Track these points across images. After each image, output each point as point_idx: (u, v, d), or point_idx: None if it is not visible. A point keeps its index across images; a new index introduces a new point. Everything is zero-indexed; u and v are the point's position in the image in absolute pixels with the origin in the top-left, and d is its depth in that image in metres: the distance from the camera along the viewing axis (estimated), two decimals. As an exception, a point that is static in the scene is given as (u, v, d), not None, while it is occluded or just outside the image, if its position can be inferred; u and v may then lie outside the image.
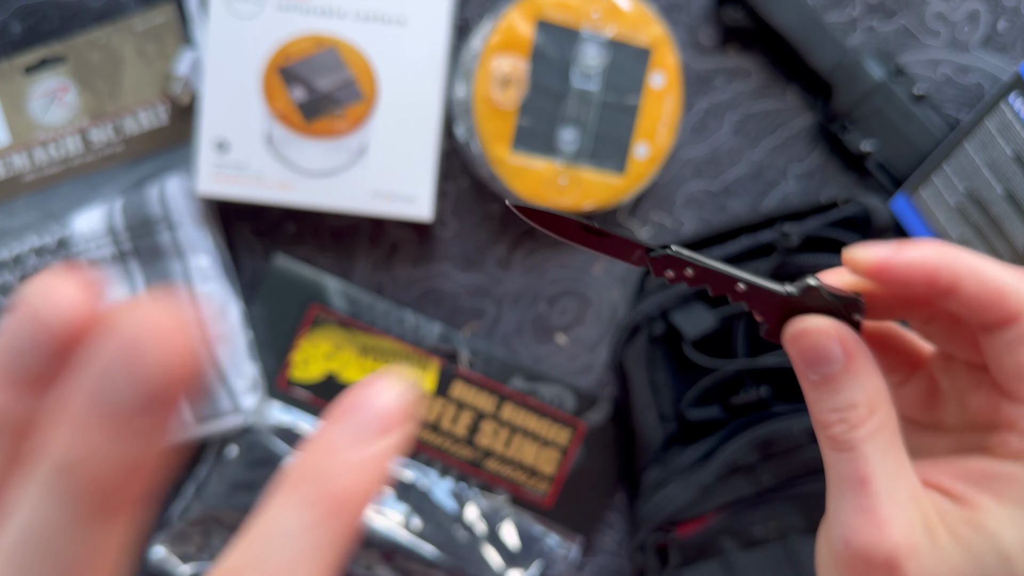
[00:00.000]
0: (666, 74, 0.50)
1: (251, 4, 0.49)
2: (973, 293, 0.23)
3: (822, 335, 0.24)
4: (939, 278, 0.23)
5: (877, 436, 0.24)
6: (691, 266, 0.24)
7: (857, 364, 0.24)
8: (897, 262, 0.24)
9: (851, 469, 0.23)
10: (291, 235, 0.55)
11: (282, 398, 0.54)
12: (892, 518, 0.23)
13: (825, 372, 0.24)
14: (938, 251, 0.23)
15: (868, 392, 0.24)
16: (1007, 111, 0.51)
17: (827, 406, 0.24)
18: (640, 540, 0.51)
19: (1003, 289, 0.23)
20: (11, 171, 0.53)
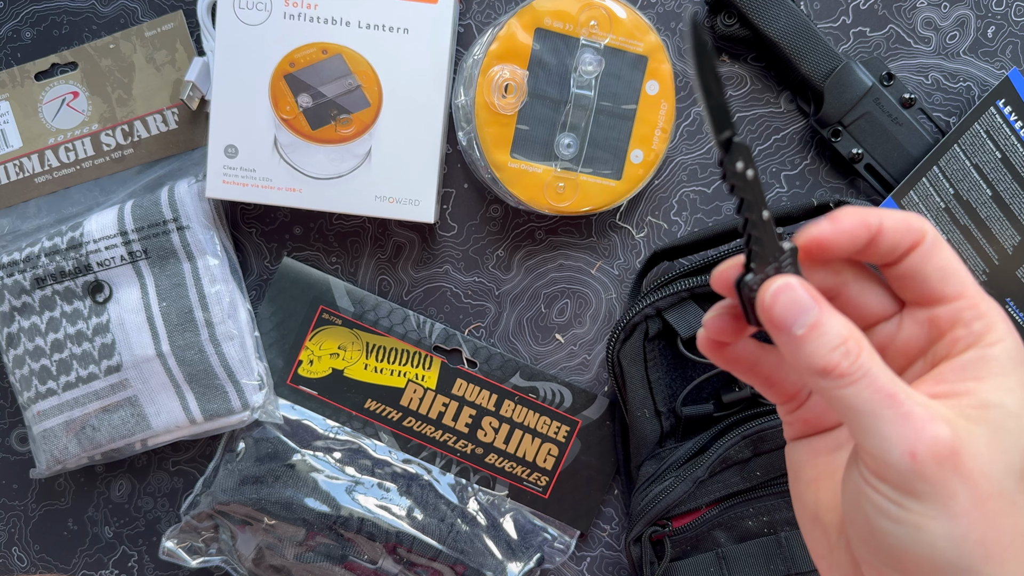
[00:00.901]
0: (661, 81, 0.50)
1: (258, 12, 0.50)
2: (892, 231, 0.27)
3: (799, 288, 0.26)
4: (870, 224, 0.27)
5: (876, 358, 0.25)
6: (753, 170, 0.26)
7: (828, 307, 0.26)
8: (843, 226, 0.27)
9: (874, 391, 0.25)
10: (298, 237, 0.55)
11: (289, 395, 0.55)
12: (933, 416, 0.25)
13: (808, 321, 0.26)
14: (857, 208, 0.28)
15: (849, 327, 0.26)
16: (996, 115, 0.51)
17: (823, 349, 0.25)
18: (636, 533, 0.51)
19: (907, 216, 0.28)
20: (23, 174, 0.54)
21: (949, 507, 0.24)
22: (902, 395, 0.25)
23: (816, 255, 0.28)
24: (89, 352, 0.52)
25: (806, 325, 0.26)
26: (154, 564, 0.56)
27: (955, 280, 0.27)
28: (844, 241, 0.27)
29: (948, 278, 0.27)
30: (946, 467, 0.24)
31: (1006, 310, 0.54)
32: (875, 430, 0.25)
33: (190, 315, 0.52)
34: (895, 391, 0.25)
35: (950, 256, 0.28)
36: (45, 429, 0.52)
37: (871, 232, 0.27)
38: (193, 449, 0.56)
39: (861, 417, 0.25)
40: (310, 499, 0.52)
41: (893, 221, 0.27)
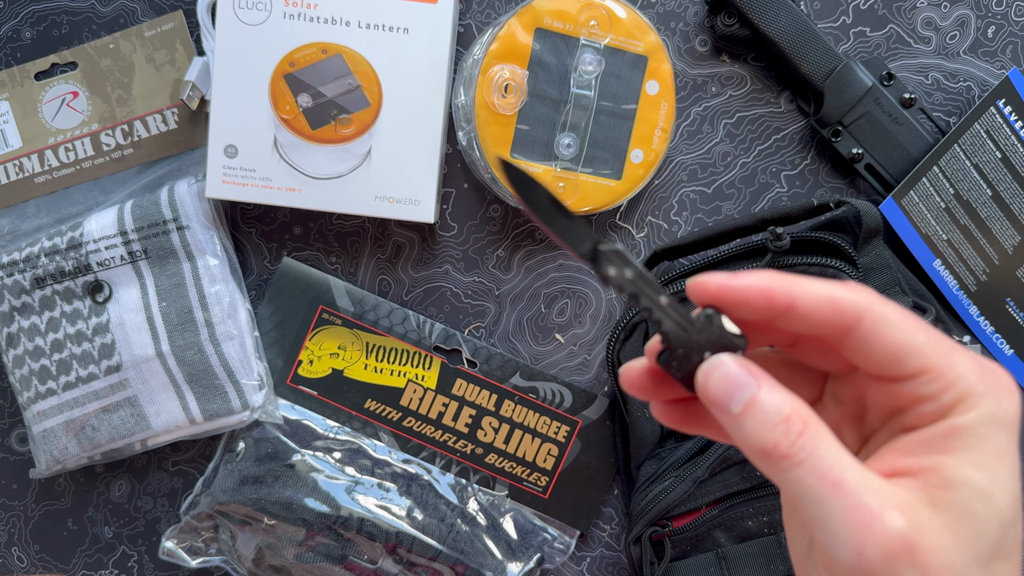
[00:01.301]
0: (661, 81, 0.50)
1: (258, 12, 0.50)
2: (809, 306, 0.24)
3: (732, 365, 0.24)
4: (775, 298, 0.24)
5: (822, 437, 0.23)
6: (630, 269, 0.25)
7: (768, 382, 0.24)
8: (735, 285, 0.25)
9: (818, 477, 0.23)
10: (297, 237, 0.55)
11: (289, 395, 0.55)
12: (885, 505, 0.22)
13: (745, 398, 0.24)
14: (770, 275, 0.25)
15: (790, 403, 0.24)
16: (996, 115, 0.51)
17: (762, 429, 0.23)
18: (636, 533, 0.51)
19: (835, 297, 0.24)
20: (23, 174, 0.54)
21: None
22: (851, 482, 0.22)
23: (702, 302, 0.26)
24: (89, 352, 0.52)
25: (743, 402, 0.24)
26: (154, 564, 0.56)
27: (912, 357, 0.24)
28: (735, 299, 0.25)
29: (903, 358, 0.24)
30: (898, 565, 0.22)
31: (1006, 309, 0.54)
32: (821, 521, 0.23)
33: (190, 315, 0.52)
34: (842, 477, 0.22)
35: (901, 334, 0.24)
36: (45, 429, 0.52)
37: (774, 306, 0.24)
38: (193, 449, 0.56)
39: (807, 506, 0.23)
40: (310, 499, 0.52)
41: (810, 301, 0.24)
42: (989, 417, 0.24)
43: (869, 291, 0.24)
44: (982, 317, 0.54)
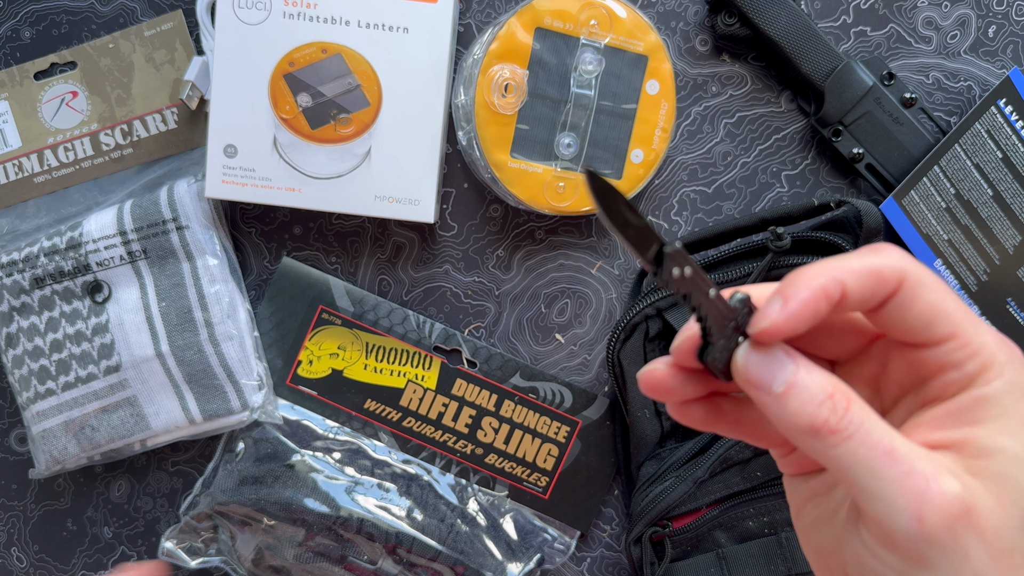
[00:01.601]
0: (661, 80, 0.50)
1: (258, 11, 0.50)
2: (860, 285, 0.24)
3: (770, 348, 0.24)
4: (831, 293, 0.24)
5: (868, 410, 0.23)
6: (689, 266, 0.25)
7: (805, 361, 0.24)
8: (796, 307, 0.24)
9: (870, 448, 0.23)
10: (297, 237, 0.55)
11: (288, 396, 0.55)
12: (938, 471, 0.22)
13: (787, 377, 0.24)
14: (812, 275, 0.24)
15: (832, 380, 0.24)
16: (996, 115, 0.51)
17: (809, 406, 0.23)
18: (636, 533, 0.51)
19: (877, 267, 0.24)
20: (22, 174, 0.54)
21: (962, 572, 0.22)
22: (902, 450, 0.23)
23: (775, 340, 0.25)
24: (88, 352, 0.52)
25: (785, 382, 0.24)
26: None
27: (942, 322, 0.24)
28: (802, 325, 0.24)
29: (934, 322, 0.24)
30: (958, 528, 0.22)
31: (1007, 309, 0.54)
32: (876, 492, 0.23)
33: (189, 315, 0.52)
34: (893, 446, 0.23)
35: (934, 297, 0.24)
36: (44, 429, 0.52)
37: (833, 302, 0.24)
38: (192, 449, 0.56)
39: (859, 478, 0.23)
40: (309, 499, 0.52)
41: (858, 280, 0.24)
42: (1013, 386, 0.24)
43: (902, 252, 0.25)
44: (983, 317, 0.54)
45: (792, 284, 0.24)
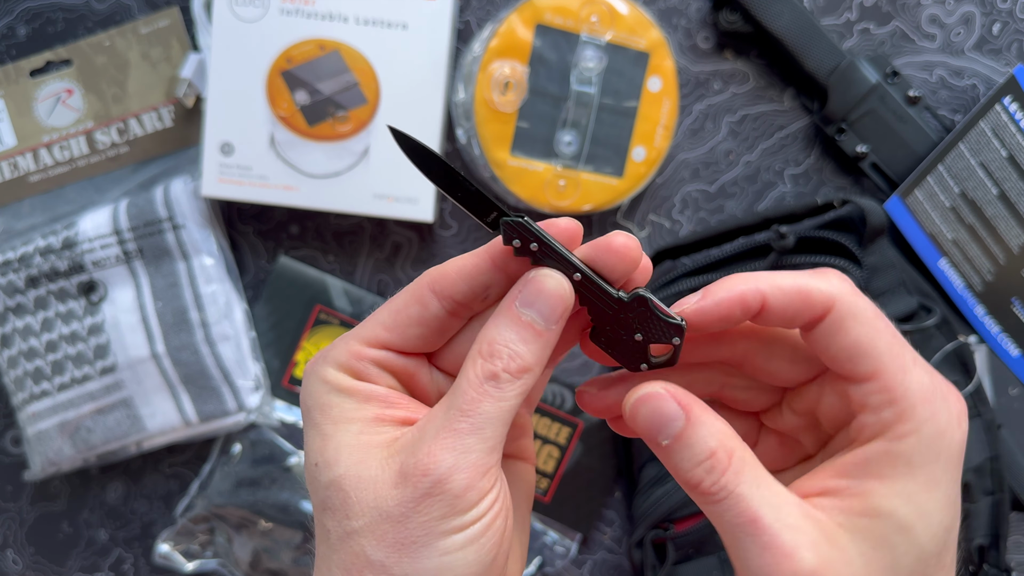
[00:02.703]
0: (663, 78, 0.50)
1: (255, 8, 0.49)
2: (781, 302, 0.25)
3: (657, 398, 0.25)
4: (748, 301, 0.25)
5: (745, 473, 0.24)
6: (537, 240, 0.25)
7: (696, 414, 0.24)
8: (708, 304, 0.25)
9: (737, 515, 0.23)
10: (294, 236, 0.55)
11: (285, 397, 0.54)
12: (796, 543, 0.23)
13: (672, 432, 0.24)
14: (740, 279, 0.25)
15: (718, 436, 0.24)
16: (1001, 113, 0.51)
17: (688, 464, 0.24)
18: (638, 536, 0.51)
19: (805, 288, 0.25)
20: (17, 172, 0.54)
21: None
22: (767, 519, 0.23)
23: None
24: (83, 353, 0.51)
25: (670, 436, 0.24)
26: (150, 567, 0.56)
27: (866, 359, 0.24)
28: (713, 320, 0.25)
29: (857, 357, 0.24)
30: None
31: (1012, 310, 0.53)
32: (739, 554, 0.24)
33: (185, 315, 0.51)
34: (758, 515, 0.23)
35: (863, 331, 0.24)
36: (39, 431, 0.52)
37: (749, 310, 0.25)
38: (188, 451, 0.55)
39: (725, 538, 0.24)
40: (307, 502, 0.51)
41: (780, 296, 0.24)
42: (927, 446, 0.24)
43: (844, 280, 0.25)
44: (988, 316, 0.54)
45: (717, 284, 0.25)
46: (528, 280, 0.25)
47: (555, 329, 0.25)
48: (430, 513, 0.24)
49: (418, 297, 0.26)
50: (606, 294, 0.25)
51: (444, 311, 0.26)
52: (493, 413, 0.24)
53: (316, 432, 0.26)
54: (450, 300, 0.26)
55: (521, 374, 0.25)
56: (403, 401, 0.27)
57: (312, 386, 0.27)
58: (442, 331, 0.27)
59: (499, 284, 0.26)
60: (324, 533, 0.25)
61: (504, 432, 0.25)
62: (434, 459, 0.24)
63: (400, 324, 0.26)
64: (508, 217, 0.25)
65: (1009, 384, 0.55)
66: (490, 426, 0.24)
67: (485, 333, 0.25)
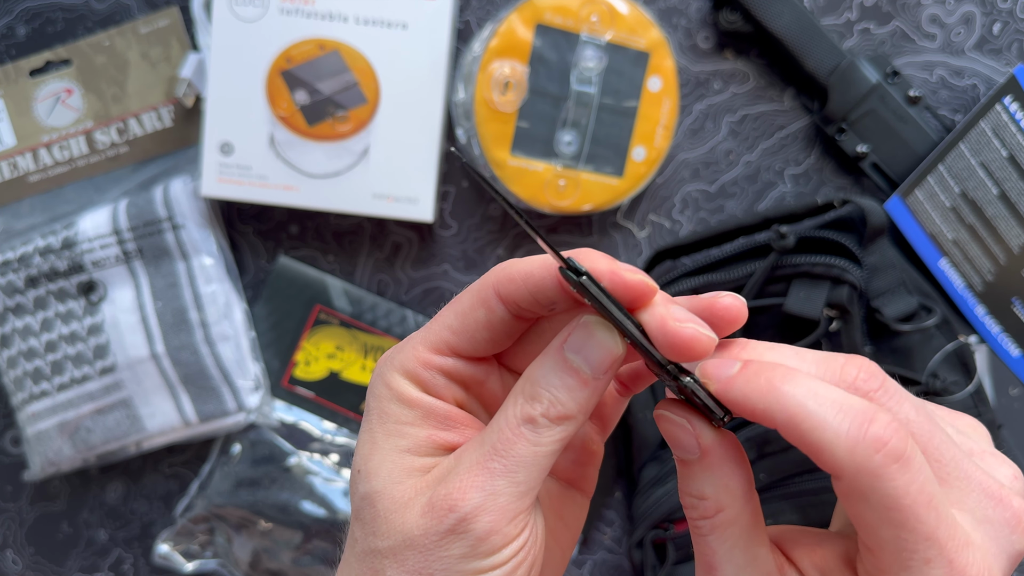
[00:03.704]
0: (664, 77, 0.50)
1: (254, 8, 0.49)
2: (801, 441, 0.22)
3: (679, 428, 0.24)
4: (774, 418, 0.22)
5: (724, 530, 0.24)
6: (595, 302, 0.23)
7: (711, 460, 0.24)
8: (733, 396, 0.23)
9: (701, 553, 0.24)
10: (294, 236, 0.55)
11: (285, 397, 0.54)
12: None
13: (683, 457, 0.24)
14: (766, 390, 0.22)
15: (718, 488, 0.24)
16: (1002, 113, 0.51)
17: (684, 489, 0.24)
18: (638, 536, 0.51)
19: (821, 443, 0.21)
20: (16, 172, 0.54)
21: None
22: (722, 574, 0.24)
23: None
24: (83, 353, 0.51)
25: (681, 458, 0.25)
26: (149, 567, 0.56)
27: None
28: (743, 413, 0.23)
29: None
30: None
31: (1012, 310, 0.53)
32: None
33: (184, 315, 0.51)
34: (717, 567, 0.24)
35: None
36: (39, 431, 0.52)
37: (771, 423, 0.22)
38: (188, 451, 0.55)
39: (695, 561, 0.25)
40: (306, 502, 0.51)
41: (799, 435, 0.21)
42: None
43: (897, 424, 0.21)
44: (988, 316, 0.54)
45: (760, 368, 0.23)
46: (580, 324, 0.24)
47: (603, 379, 0.24)
48: (451, 550, 0.23)
49: (483, 299, 0.26)
50: (659, 366, 0.24)
51: (510, 315, 0.26)
52: (528, 458, 0.24)
53: (368, 437, 0.26)
54: (515, 305, 0.25)
55: (561, 421, 0.24)
56: (462, 423, 0.26)
57: (377, 388, 0.26)
58: (510, 333, 0.26)
59: (565, 302, 0.25)
60: (352, 540, 0.25)
61: (539, 477, 0.24)
62: (463, 495, 0.23)
63: (468, 328, 0.26)
64: (569, 271, 0.23)
65: (1009, 384, 0.55)
66: (523, 470, 0.24)
67: (530, 372, 0.25)
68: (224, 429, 0.53)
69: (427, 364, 0.26)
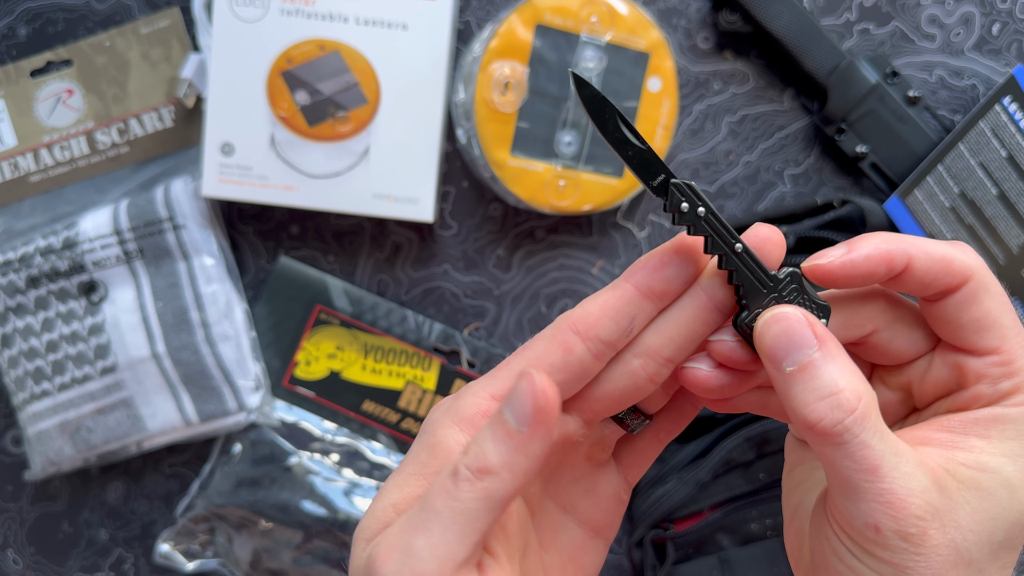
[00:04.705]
0: (663, 78, 0.50)
1: (255, 8, 0.49)
2: (925, 266, 0.25)
3: (795, 320, 0.24)
4: (894, 260, 0.25)
5: (871, 419, 0.23)
6: (704, 206, 0.24)
7: (831, 348, 0.24)
8: (857, 257, 0.25)
9: (858, 460, 0.23)
10: (295, 236, 0.55)
11: (286, 397, 0.54)
12: (910, 491, 0.23)
13: (802, 359, 0.23)
14: (885, 238, 0.25)
15: (849, 376, 0.23)
16: (1001, 113, 0.51)
17: (811, 396, 0.23)
18: (638, 536, 0.51)
19: (948, 257, 0.25)
20: (17, 173, 0.54)
21: (907, 573, 0.23)
22: (886, 467, 0.23)
23: (825, 284, 0.25)
24: (84, 353, 0.51)
25: (798, 363, 0.23)
26: (150, 567, 0.56)
27: (992, 333, 0.25)
28: (857, 275, 0.25)
29: (984, 330, 0.25)
30: (911, 541, 0.23)
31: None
32: (847, 496, 0.23)
33: (185, 315, 0.51)
34: (879, 464, 0.23)
35: (992, 305, 0.25)
36: (40, 431, 0.52)
37: (893, 270, 0.25)
38: (189, 451, 0.55)
39: (834, 480, 0.24)
40: (307, 502, 0.51)
41: (927, 260, 0.25)
42: None
43: (977, 256, 0.25)
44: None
45: (862, 238, 0.25)
46: (519, 375, 0.23)
47: (527, 433, 0.22)
48: None
49: (560, 342, 0.25)
50: (763, 270, 0.25)
51: (589, 353, 0.25)
52: (445, 513, 0.22)
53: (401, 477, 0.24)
54: (596, 340, 0.25)
55: (482, 476, 0.22)
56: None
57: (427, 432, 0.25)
58: (584, 375, 0.25)
59: (644, 313, 0.25)
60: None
61: (464, 537, 0.22)
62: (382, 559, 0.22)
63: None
64: (677, 180, 0.24)
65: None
66: (440, 527, 0.22)
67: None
68: (225, 429, 0.53)
69: (487, 414, 0.25)
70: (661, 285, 0.25)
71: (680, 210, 0.24)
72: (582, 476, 0.29)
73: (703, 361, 0.26)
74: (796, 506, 0.29)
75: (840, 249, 0.25)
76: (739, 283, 0.25)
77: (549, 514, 0.28)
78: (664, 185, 0.24)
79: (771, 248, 0.25)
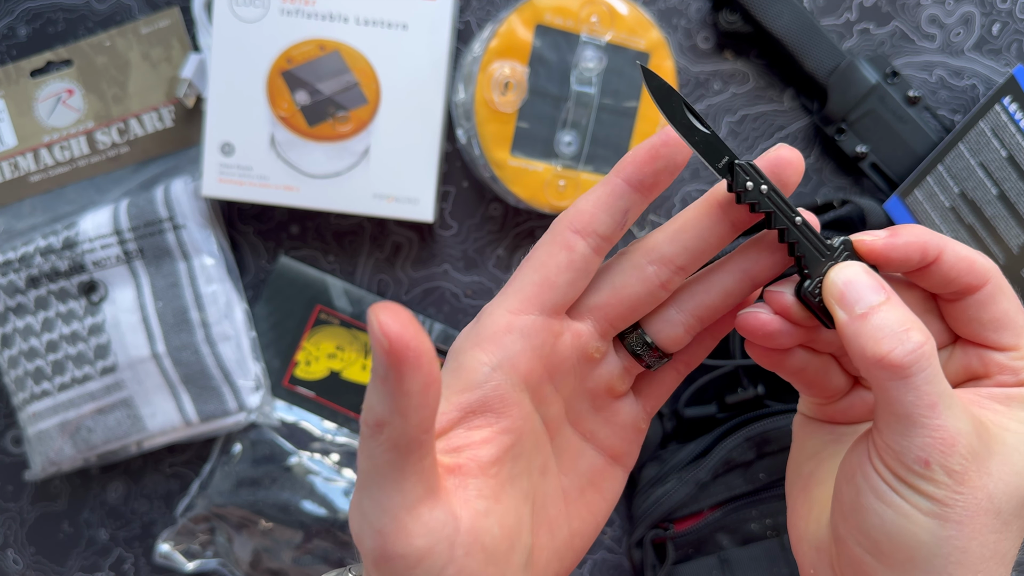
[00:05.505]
0: (664, 77, 0.50)
1: (255, 8, 0.49)
2: (952, 261, 0.27)
3: (865, 270, 0.26)
4: (928, 250, 0.27)
5: (933, 359, 0.25)
6: (767, 184, 0.26)
7: (896, 299, 0.26)
8: (899, 241, 0.27)
9: (920, 395, 0.24)
10: (295, 236, 0.55)
11: (286, 397, 0.54)
12: (959, 431, 0.25)
13: (872, 302, 0.25)
14: (923, 230, 0.27)
15: (914, 319, 0.25)
16: (1001, 113, 0.51)
17: (880, 333, 0.25)
18: (638, 536, 0.51)
19: (972, 257, 0.27)
20: (17, 173, 0.54)
21: (945, 510, 0.25)
22: (942, 405, 0.25)
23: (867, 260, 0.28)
24: (84, 353, 0.51)
25: (868, 305, 0.25)
26: (150, 567, 0.56)
27: (1010, 331, 0.28)
28: (895, 257, 0.27)
29: (1004, 328, 0.28)
30: (955, 479, 0.25)
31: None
32: (903, 430, 0.25)
33: (185, 315, 0.51)
34: (937, 401, 0.25)
35: (1009, 306, 0.27)
36: (40, 431, 0.52)
37: (926, 259, 0.27)
38: (189, 451, 0.55)
39: (895, 415, 0.25)
40: (307, 502, 0.51)
41: (954, 257, 0.27)
42: None
43: (992, 261, 0.28)
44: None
45: (904, 227, 0.27)
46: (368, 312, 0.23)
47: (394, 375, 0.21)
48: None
49: (562, 243, 0.27)
50: (821, 240, 0.27)
51: (590, 249, 0.27)
52: (370, 472, 0.23)
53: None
54: (594, 235, 0.27)
55: (380, 428, 0.22)
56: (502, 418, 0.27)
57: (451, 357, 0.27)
58: (588, 272, 0.27)
59: (636, 206, 0.27)
60: None
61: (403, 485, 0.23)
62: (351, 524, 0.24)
63: (549, 275, 0.27)
64: (740, 161, 0.26)
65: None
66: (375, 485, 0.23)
67: None
68: (225, 429, 0.53)
69: (510, 328, 0.27)
70: (650, 178, 0.26)
71: (745, 188, 0.26)
72: (602, 406, 0.30)
73: (763, 307, 0.28)
74: (808, 476, 0.30)
75: (884, 232, 0.27)
76: (800, 254, 0.27)
77: (568, 440, 0.30)
78: (729, 166, 0.26)
79: (790, 172, 0.27)
